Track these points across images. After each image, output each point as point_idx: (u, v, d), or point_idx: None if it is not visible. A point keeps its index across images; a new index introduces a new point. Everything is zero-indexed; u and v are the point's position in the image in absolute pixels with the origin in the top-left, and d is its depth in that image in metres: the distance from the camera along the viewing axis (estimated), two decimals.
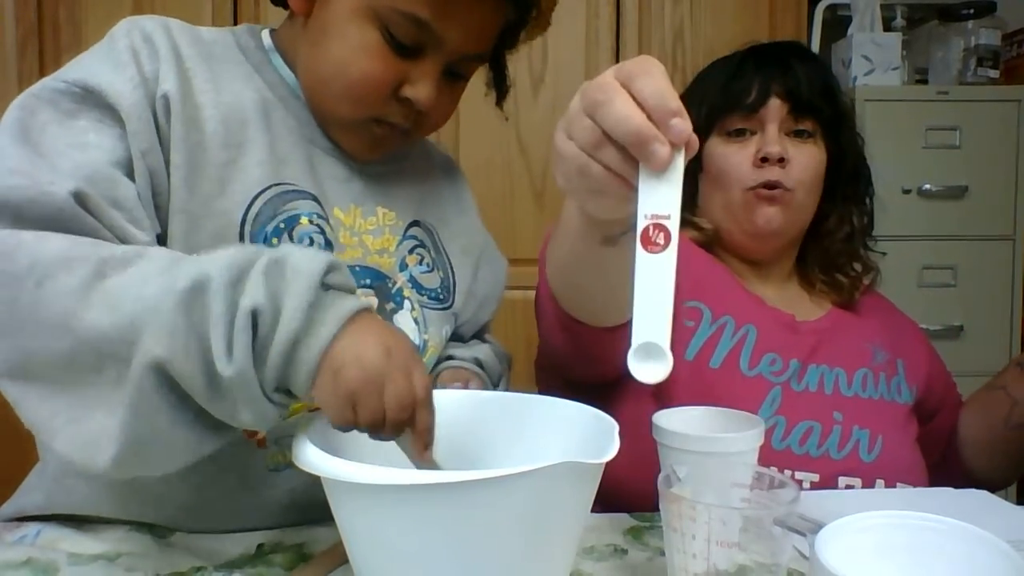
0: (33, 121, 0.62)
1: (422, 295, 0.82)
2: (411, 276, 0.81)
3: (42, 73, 1.89)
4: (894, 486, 0.88)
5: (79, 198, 0.58)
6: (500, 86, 0.86)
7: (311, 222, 0.72)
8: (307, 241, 0.71)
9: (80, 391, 0.52)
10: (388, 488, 0.47)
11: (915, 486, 0.89)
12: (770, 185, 0.93)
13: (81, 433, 0.52)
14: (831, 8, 2.06)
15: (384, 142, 0.76)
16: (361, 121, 0.73)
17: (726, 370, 0.89)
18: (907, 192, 1.87)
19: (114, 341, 0.51)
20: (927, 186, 1.87)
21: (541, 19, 0.80)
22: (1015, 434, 0.93)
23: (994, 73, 1.95)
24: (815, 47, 2.04)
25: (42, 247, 0.54)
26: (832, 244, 1.01)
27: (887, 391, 0.95)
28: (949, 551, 0.48)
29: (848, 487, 0.86)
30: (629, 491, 0.75)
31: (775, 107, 0.94)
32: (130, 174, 0.64)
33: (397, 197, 0.82)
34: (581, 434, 0.60)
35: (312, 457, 0.51)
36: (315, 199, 0.73)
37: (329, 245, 0.73)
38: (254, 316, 0.50)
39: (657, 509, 0.56)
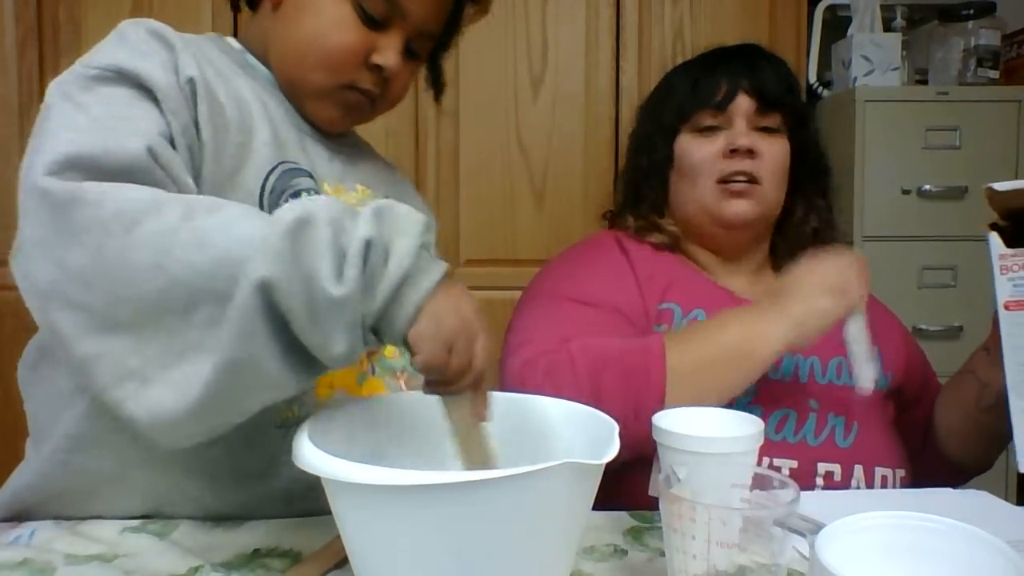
0: (75, 102, 0.64)
1: None
2: None
3: (42, 73, 1.89)
4: (872, 471, 0.89)
5: (152, 152, 0.61)
6: (437, 84, 0.94)
7: (309, 195, 0.76)
8: None
9: (168, 339, 0.53)
10: (388, 488, 0.47)
11: (893, 469, 0.90)
12: (740, 174, 0.96)
13: (169, 381, 0.53)
14: (831, 8, 2.06)
15: (356, 108, 0.82)
16: (335, 88, 0.79)
17: None
18: (907, 192, 1.87)
19: (208, 276, 0.52)
20: (927, 186, 1.87)
21: (483, 5, 0.87)
22: (986, 417, 0.94)
23: (994, 73, 1.95)
24: (815, 47, 2.04)
25: (128, 195, 0.56)
26: (799, 237, 1.05)
27: None
28: (949, 551, 0.48)
29: (827, 473, 0.87)
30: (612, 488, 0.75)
31: (743, 103, 0.98)
32: (175, 147, 0.67)
33: (369, 176, 0.89)
34: (581, 434, 0.60)
35: (312, 457, 0.51)
36: (311, 176, 0.79)
37: None
38: (369, 247, 0.53)
39: (643, 506, 0.56)
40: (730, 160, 0.96)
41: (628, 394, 0.79)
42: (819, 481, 0.87)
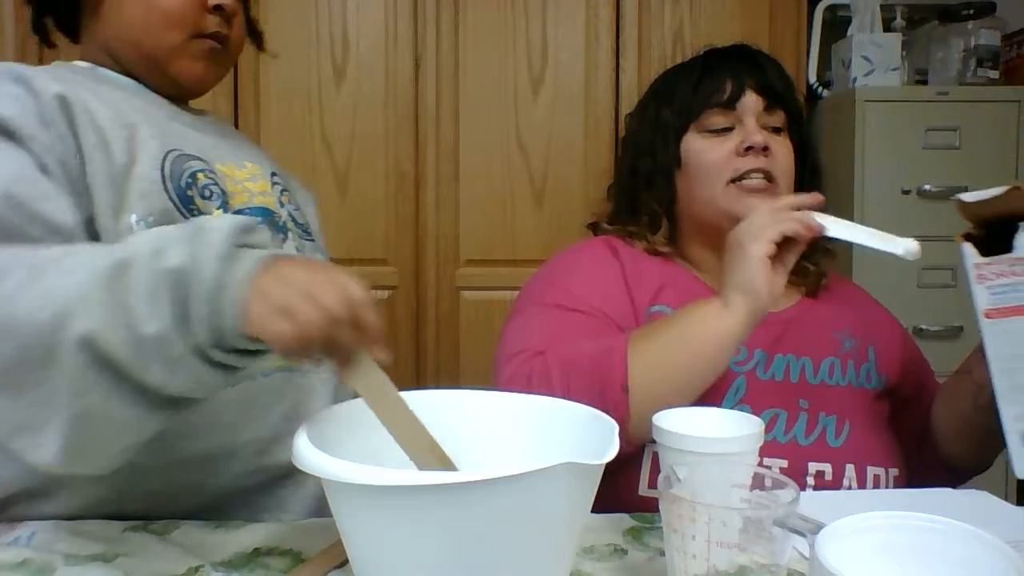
0: None
1: (298, 227, 0.93)
2: (289, 212, 0.93)
3: None
4: (864, 470, 0.89)
5: (10, 200, 0.65)
6: (254, 34, 1.00)
7: (205, 176, 0.82)
8: (208, 192, 0.81)
9: (38, 391, 0.54)
10: (388, 488, 0.47)
11: (886, 468, 0.90)
12: (756, 172, 0.95)
13: (49, 431, 0.55)
14: (831, 8, 2.06)
15: (214, 56, 0.87)
16: (187, 41, 0.85)
17: None
18: (907, 192, 1.87)
19: (49, 332, 0.53)
20: (927, 186, 1.87)
21: None
22: (983, 417, 0.93)
23: (994, 74, 1.95)
24: (815, 47, 2.04)
25: None
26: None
27: (855, 378, 0.96)
28: (949, 551, 0.48)
29: (818, 472, 0.87)
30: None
31: (751, 101, 0.97)
32: (43, 173, 0.69)
33: (253, 154, 0.94)
34: (581, 434, 0.60)
35: (312, 457, 0.51)
36: (200, 159, 0.82)
37: (223, 194, 0.83)
38: (177, 276, 0.53)
39: (633, 505, 0.56)
40: (744, 158, 0.95)
41: (595, 397, 0.79)
42: (810, 480, 0.87)
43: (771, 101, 0.98)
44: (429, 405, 0.66)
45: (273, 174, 0.94)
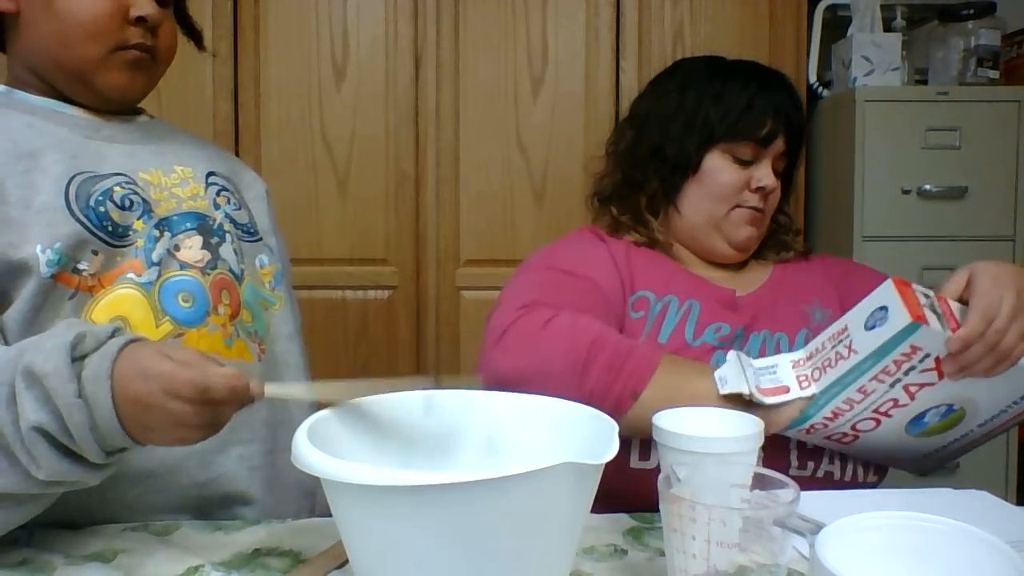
0: None
1: (237, 229, 0.92)
2: (226, 213, 0.91)
3: None
4: None
5: None
6: (193, 35, 0.98)
7: (123, 187, 0.81)
8: (127, 202, 0.80)
9: None
10: (388, 488, 0.47)
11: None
12: (755, 208, 1.04)
13: None
14: (831, 8, 2.06)
15: (139, 67, 0.85)
16: (109, 53, 0.82)
17: (673, 342, 0.95)
18: (907, 192, 1.87)
19: None
20: (927, 186, 1.87)
21: None
22: None
23: (994, 74, 1.95)
24: (815, 47, 2.04)
25: None
26: (774, 245, 1.14)
27: None
28: (949, 551, 0.48)
29: (799, 443, 0.88)
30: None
31: (779, 145, 1.04)
32: None
33: (185, 156, 0.92)
34: (581, 434, 0.60)
35: (312, 457, 0.51)
36: (119, 174, 0.82)
37: (145, 203, 0.82)
38: (38, 433, 0.59)
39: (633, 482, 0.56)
40: (753, 194, 1.03)
41: (604, 376, 0.82)
42: (793, 452, 0.88)
43: (789, 149, 1.05)
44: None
45: (210, 174, 0.93)
